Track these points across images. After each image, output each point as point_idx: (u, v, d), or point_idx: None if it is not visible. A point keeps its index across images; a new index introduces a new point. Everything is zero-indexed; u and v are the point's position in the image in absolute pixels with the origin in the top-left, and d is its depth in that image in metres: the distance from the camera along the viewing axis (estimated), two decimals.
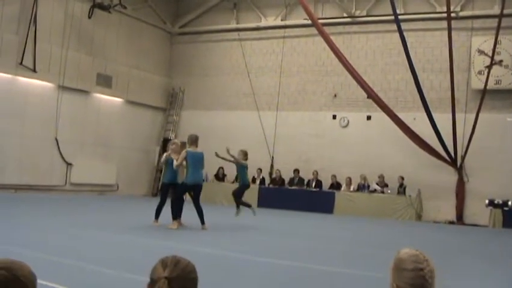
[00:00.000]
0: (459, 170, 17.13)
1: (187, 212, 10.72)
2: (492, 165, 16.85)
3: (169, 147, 11.45)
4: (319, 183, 18.57)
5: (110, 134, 19.86)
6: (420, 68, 17.31)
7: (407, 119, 17.15)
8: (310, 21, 17.32)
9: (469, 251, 10.67)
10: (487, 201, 15.99)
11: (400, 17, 16.40)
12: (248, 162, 12.14)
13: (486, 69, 16.76)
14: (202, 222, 10.48)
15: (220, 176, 19.56)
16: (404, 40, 15.81)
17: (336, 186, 18.31)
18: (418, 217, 16.84)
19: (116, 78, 19.98)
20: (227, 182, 19.20)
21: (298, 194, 18.28)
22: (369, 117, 18.87)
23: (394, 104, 17.79)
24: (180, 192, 10.79)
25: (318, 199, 17.94)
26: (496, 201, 15.90)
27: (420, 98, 16.18)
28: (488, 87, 16.52)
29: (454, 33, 16.50)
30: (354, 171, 18.12)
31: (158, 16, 22.08)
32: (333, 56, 17.60)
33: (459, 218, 16.90)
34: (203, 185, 11.18)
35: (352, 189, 17.99)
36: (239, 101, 21.17)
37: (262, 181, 19.31)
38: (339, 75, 19.11)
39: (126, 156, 20.34)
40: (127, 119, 20.64)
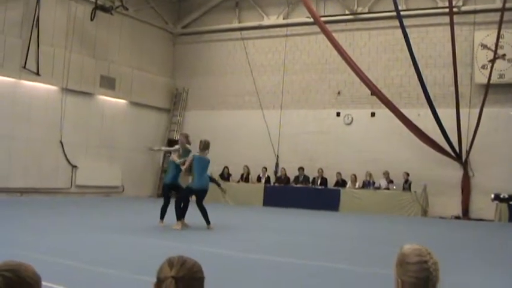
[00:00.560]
0: (464, 164, 17.09)
1: (192, 212, 10.74)
2: (497, 159, 16.81)
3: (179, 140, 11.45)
4: (324, 181, 18.56)
5: (114, 136, 19.88)
6: (423, 64, 17.28)
7: (411, 115, 17.11)
8: (312, 19, 17.31)
9: (474, 246, 10.62)
10: (493, 196, 15.92)
11: (402, 12, 16.42)
12: (253, 161, 12.12)
13: (489, 64, 16.71)
14: (208, 223, 10.51)
15: (225, 176, 19.56)
16: (407, 36, 15.79)
17: (341, 183, 18.29)
18: (424, 213, 16.79)
19: (119, 80, 20.02)
20: (232, 181, 19.21)
21: (304, 192, 18.25)
22: (373, 114, 18.84)
23: (398, 100, 17.76)
24: (184, 195, 10.80)
25: (324, 197, 17.91)
26: (501, 196, 15.83)
27: (424, 93, 16.17)
28: (491, 82, 16.47)
29: (456, 28, 16.45)
30: (358, 168, 18.11)
31: (160, 17, 22.09)
32: (335, 54, 17.58)
33: (465, 213, 16.87)
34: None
35: (357, 186, 18.00)
36: (243, 100, 21.17)
37: (268, 180, 19.34)
38: (342, 73, 19.08)
39: (131, 157, 20.35)
40: (131, 120, 20.67)
